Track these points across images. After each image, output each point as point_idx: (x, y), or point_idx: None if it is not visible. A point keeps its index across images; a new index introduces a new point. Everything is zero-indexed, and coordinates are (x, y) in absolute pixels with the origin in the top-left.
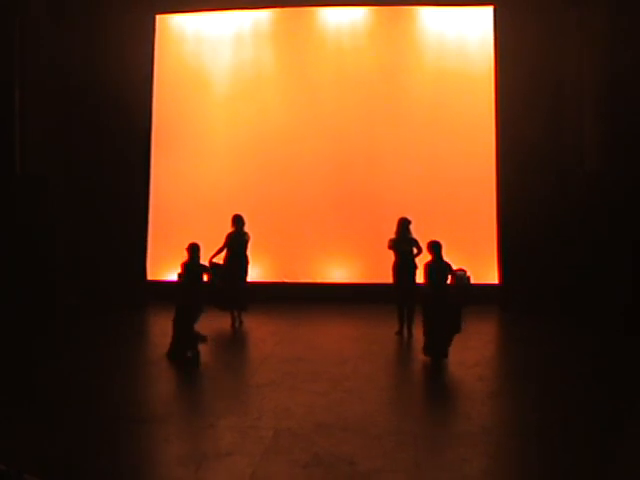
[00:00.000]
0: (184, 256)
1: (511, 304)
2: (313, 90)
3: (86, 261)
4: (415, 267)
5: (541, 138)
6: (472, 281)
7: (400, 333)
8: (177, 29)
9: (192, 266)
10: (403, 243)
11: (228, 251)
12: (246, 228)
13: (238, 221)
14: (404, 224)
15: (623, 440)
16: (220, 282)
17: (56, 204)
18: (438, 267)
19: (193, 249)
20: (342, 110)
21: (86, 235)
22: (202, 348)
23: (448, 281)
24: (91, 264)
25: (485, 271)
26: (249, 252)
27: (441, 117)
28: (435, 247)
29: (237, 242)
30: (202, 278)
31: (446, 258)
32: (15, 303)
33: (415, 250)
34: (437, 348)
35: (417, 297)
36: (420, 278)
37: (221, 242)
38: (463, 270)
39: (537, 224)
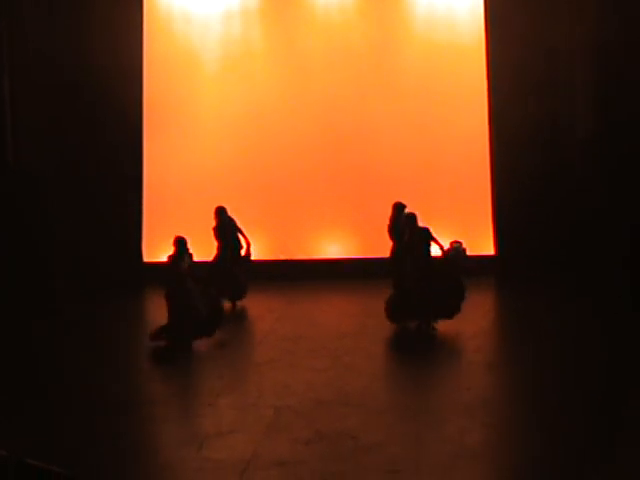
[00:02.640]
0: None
1: (507, 275)
2: (303, 65)
3: (81, 245)
4: None
5: (533, 106)
6: (468, 253)
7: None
8: (165, 9)
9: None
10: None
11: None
12: (239, 206)
13: (220, 213)
14: (399, 209)
15: (623, 410)
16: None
17: (49, 188)
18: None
19: (180, 243)
20: (333, 85)
21: (80, 219)
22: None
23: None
24: (86, 248)
25: (480, 242)
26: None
27: (433, 88)
28: (410, 219)
29: (223, 232)
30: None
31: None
32: (10, 288)
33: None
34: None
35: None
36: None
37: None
38: (459, 242)
39: (532, 193)
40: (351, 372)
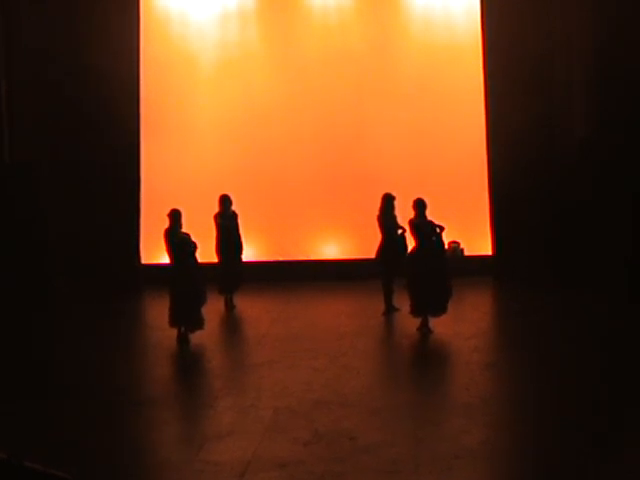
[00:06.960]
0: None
1: (505, 275)
2: (301, 67)
3: (78, 246)
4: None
5: (531, 105)
6: (465, 253)
7: (387, 313)
8: (162, 11)
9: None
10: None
11: (219, 232)
12: (236, 208)
13: (225, 201)
14: (389, 200)
15: (623, 409)
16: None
17: (47, 190)
18: (422, 223)
19: (174, 215)
20: (330, 86)
21: (78, 220)
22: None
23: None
24: (84, 249)
25: (478, 242)
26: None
27: (430, 90)
28: (419, 205)
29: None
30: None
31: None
32: (7, 288)
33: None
34: (429, 305)
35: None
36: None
37: (211, 224)
38: (456, 242)
39: (529, 193)
40: (349, 372)
